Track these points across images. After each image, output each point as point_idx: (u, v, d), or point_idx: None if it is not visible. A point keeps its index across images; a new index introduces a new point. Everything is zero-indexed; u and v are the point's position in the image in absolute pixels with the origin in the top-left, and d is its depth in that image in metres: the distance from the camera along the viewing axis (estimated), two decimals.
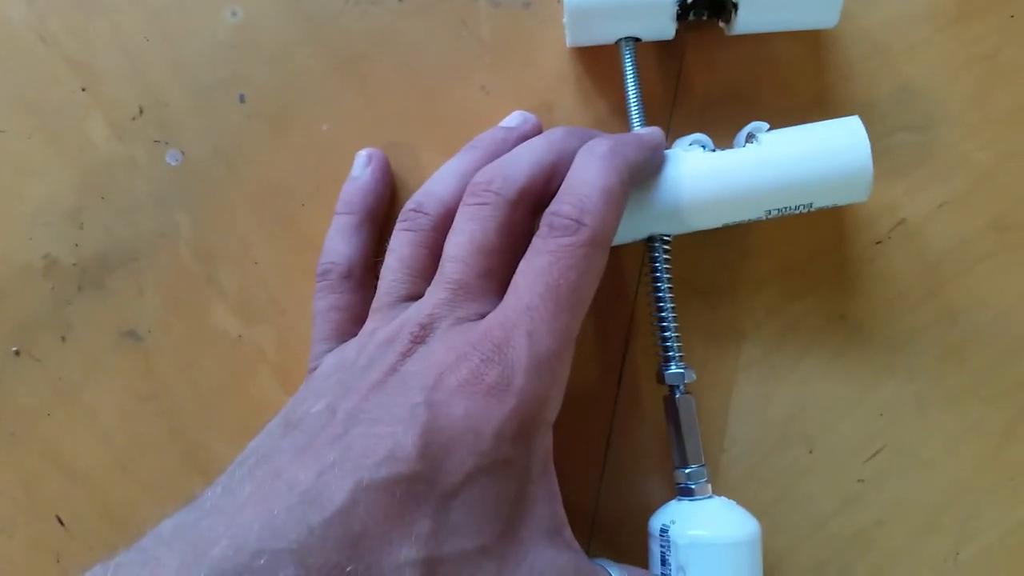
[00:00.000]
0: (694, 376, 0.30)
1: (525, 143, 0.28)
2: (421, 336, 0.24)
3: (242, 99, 0.33)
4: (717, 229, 0.30)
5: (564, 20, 0.30)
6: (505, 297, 0.25)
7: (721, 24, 0.31)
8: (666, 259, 0.30)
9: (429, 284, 0.26)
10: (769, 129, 0.30)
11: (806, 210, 0.29)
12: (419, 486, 0.22)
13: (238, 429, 0.32)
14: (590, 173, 0.26)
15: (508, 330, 0.23)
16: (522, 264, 0.25)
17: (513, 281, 0.25)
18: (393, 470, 0.22)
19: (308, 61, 0.33)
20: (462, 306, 0.25)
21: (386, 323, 0.26)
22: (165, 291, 0.33)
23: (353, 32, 0.33)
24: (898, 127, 0.33)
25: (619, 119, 0.33)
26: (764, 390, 0.32)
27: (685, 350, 0.31)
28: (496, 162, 0.27)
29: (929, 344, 0.32)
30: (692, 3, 0.30)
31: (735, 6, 0.29)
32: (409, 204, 0.28)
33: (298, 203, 0.32)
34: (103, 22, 0.33)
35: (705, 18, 0.31)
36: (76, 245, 0.32)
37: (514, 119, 0.31)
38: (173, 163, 0.33)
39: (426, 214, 0.28)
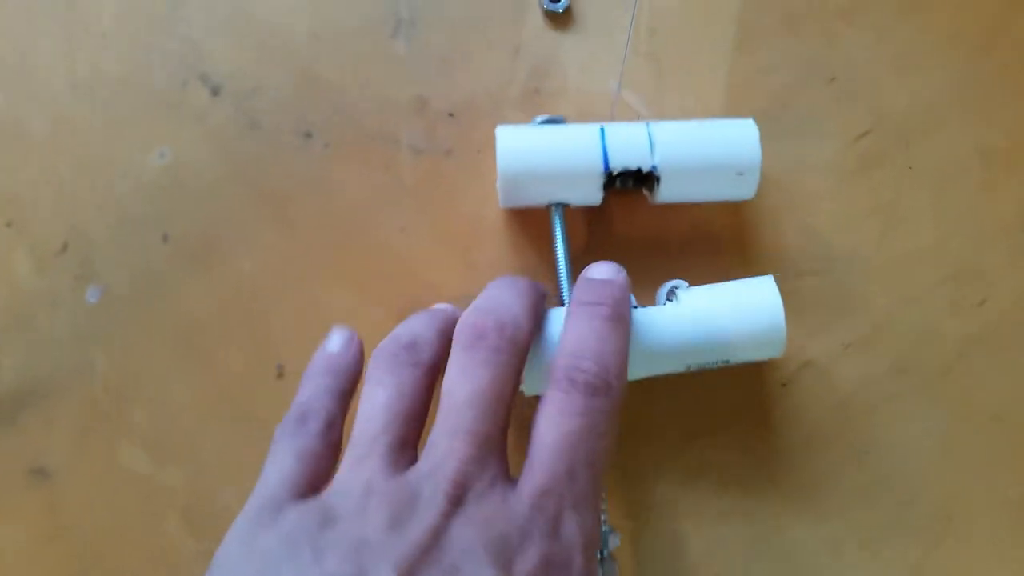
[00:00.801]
0: (618, 542, 0.30)
1: (500, 287, 0.27)
2: (457, 497, 0.23)
3: (165, 238, 0.33)
4: None
5: (497, 184, 0.31)
6: (536, 455, 0.24)
7: (645, 193, 0.33)
8: None
9: (419, 429, 0.25)
10: (689, 286, 0.31)
11: (724, 365, 0.30)
12: None
13: (143, 574, 0.32)
14: (604, 333, 0.25)
15: (558, 501, 0.23)
16: (550, 423, 0.24)
17: (541, 439, 0.24)
18: None
19: (232, 202, 0.33)
20: (491, 463, 0.24)
21: (388, 473, 0.24)
22: (76, 428, 0.32)
23: (278, 175, 0.34)
24: (804, 272, 0.34)
25: (533, 265, 0.34)
26: (675, 529, 0.32)
27: None
28: (489, 305, 0.26)
29: (837, 485, 0.33)
30: (618, 175, 0.31)
31: (657, 180, 0.31)
32: (400, 339, 0.27)
33: (215, 340, 0.33)
34: (34, 158, 0.33)
35: (631, 187, 0.32)
36: None
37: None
38: (93, 300, 0.33)
39: (427, 352, 0.26)
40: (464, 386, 0.24)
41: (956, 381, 0.34)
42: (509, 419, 0.25)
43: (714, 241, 0.34)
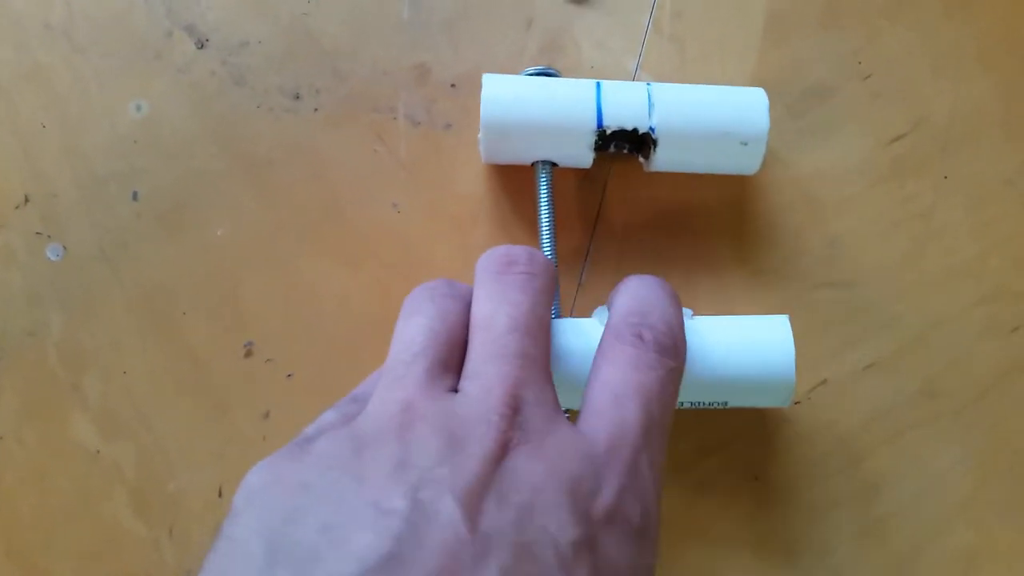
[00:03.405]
0: None
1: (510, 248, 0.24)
2: (515, 421, 0.20)
3: (135, 196, 0.31)
4: None
5: (479, 136, 0.29)
6: (603, 402, 0.21)
7: (640, 159, 0.30)
8: None
9: (461, 357, 0.22)
10: (693, 315, 0.28)
11: (722, 407, 0.27)
12: None
13: (85, 556, 0.29)
14: (666, 301, 0.24)
15: (634, 453, 0.20)
16: (620, 373, 0.22)
17: (609, 386, 0.21)
18: None
19: (210, 163, 0.31)
20: (547, 390, 0.21)
21: (430, 395, 0.21)
22: (25, 395, 0.30)
23: (263, 137, 0.31)
24: (826, 282, 0.31)
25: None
26: (671, 555, 0.29)
27: None
28: (509, 246, 0.24)
29: (849, 516, 0.30)
30: (611, 135, 0.28)
31: (654, 143, 0.28)
32: (432, 282, 0.24)
33: (179, 310, 0.30)
34: None
35: (625, 152, 0.29)
36: None
37: None
38: (53, 258, 0.30)
39: (464, 289, 0.24)
40: (503, 312, 0.22)
41: (988, 411, 0.31)
42: (549, 351, 0.22)
43: (723, 240, 0.31)
